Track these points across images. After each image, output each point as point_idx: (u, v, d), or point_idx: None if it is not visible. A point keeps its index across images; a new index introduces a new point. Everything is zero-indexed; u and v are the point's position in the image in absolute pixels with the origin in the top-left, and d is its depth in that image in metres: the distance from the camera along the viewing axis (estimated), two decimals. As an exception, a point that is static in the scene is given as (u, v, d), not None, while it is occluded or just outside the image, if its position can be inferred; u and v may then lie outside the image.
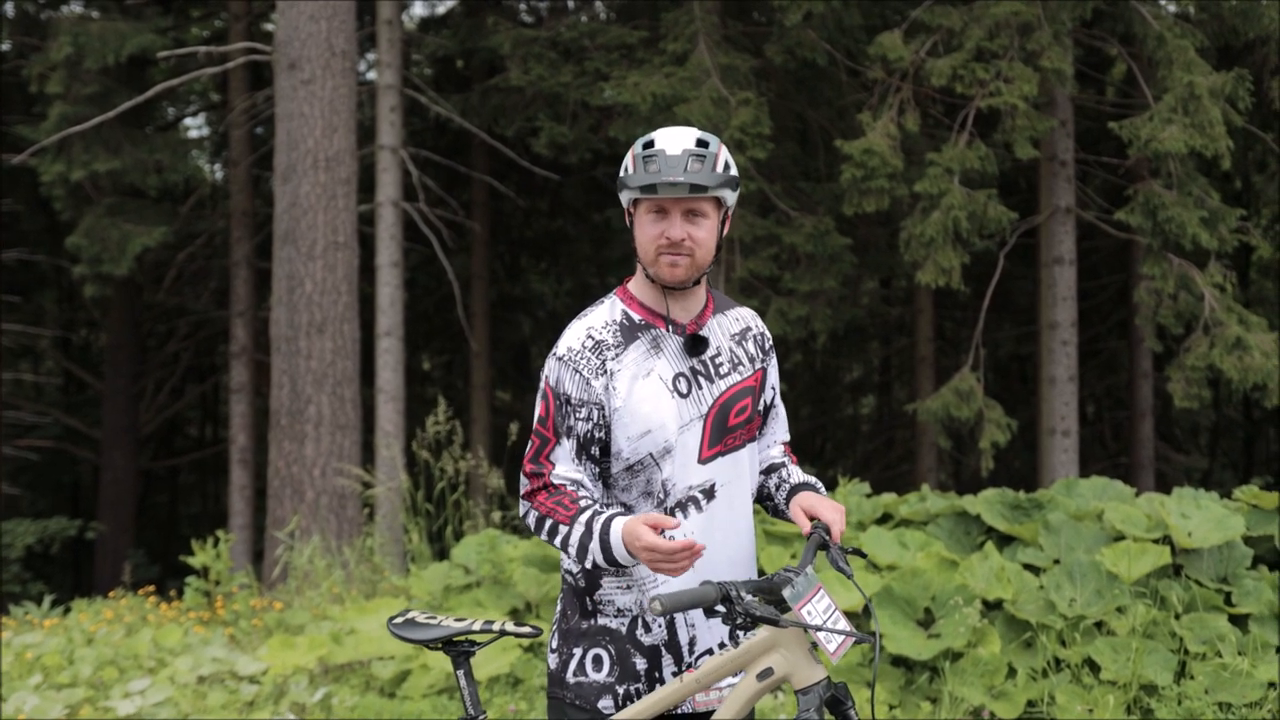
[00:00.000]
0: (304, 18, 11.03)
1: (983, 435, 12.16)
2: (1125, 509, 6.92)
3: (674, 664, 3.09)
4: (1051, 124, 12.14)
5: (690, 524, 3.07)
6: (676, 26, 13.17)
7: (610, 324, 3.10)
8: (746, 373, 3.19)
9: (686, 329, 3.13)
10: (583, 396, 3.04)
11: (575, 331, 3.11)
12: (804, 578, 2.92)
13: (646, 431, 3.02)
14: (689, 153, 2.97)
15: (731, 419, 3.12)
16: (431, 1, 21.01)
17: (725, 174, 3.02)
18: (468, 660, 3.20)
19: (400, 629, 3.21)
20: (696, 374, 3.10)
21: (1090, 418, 21.56)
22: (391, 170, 13.71)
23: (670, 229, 3.01)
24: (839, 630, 2.88)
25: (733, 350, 3.19)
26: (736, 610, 2.78)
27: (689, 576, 3.05)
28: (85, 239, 15.72)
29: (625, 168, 3.06)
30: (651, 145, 3.02)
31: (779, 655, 2.90)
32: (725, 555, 3.11)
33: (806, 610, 2.87)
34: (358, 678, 6.77)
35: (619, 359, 3.05)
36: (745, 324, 3.28)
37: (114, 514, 19.00)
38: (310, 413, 10.74)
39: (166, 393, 21.58)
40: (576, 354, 3.06)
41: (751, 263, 13.36)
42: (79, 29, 15.15)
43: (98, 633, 7.71)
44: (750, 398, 3.17)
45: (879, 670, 6.44)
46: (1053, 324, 13.06)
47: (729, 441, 3.12)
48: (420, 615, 3.23)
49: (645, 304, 3.14)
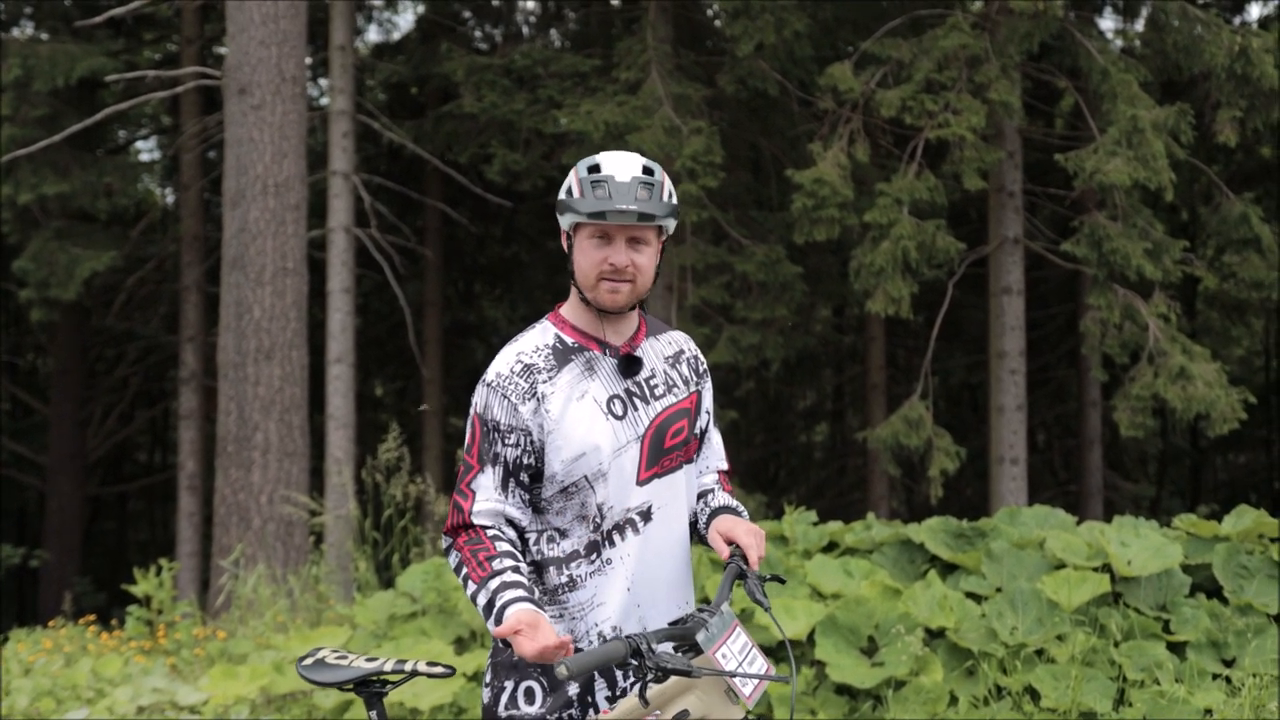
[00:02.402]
0: (254, 43, 11.00)
1: (932, 463, 12.24)
2: (1066, 537, 6.98)
3: (607, 688, 3.06)
4: (999, 155, 12.29)
5: (627, 547, 3.04)
6: (629, 55, 13.25)
7: (542, 348, 3.08)
8: (682, 395, 3.17)
9: (620, 351, 3.12)
10: (511, 423, 3.01)
11: (505, 357, 3.09)
12: (719, 617, 2.85)
13: (581, 454, 3.00)
14: (638, 180, 2.97)
15: (668, 440, 3.10)
16: (386, 28, 21.01)
17: (670, 203, 3.02)
18: (380, 701, 3.09)
19: (309, 670, 3.07)
20: (632, 396, 3.08)
21: (1040, 446, 21.73)
22: (344, 196, 13.68)
23: (614, 255, 3.00)
24: (753, 675, 2.81)
25: (667, 372, 3.18)
26: (647, 666, 2.71)
27: (625, 601, 3.03)
28: (33, 263, 15.56)
29: (569, 190, 3.03)
30: (598, 170, 3.00)
31: (694, 697, 2.84)
32: (663, 577, 3.09)
33: (721, 653, 2.80)
34: (300, 708, 6.71)
35: (551, 382, 3.03)
36: (678, 347, 3.27)
37: (60, 541, 18.75)
38: (258, 439, 10.67)
39: (115, 418, 21.34)
40: (505, 379, 3.04)
41: (703, 290, 13.41)
42: (28, 51, 15.05)
43: (36, 663, 7.61)
44: (686, 419, 3.16)
45: (822, 698, 6.45)
46: (1001, 353, 13.17)
47: (666, 463, 3.10)
48: (330, 655, 3.10)
49: (579, 327, 3.12)
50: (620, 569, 3.04)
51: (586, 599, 3.04)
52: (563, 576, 3.05)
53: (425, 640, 6.90)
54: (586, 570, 3.04)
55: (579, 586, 3.04)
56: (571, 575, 3.04)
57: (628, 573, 3.04)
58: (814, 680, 6.57)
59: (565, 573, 3.05)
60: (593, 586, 3.04)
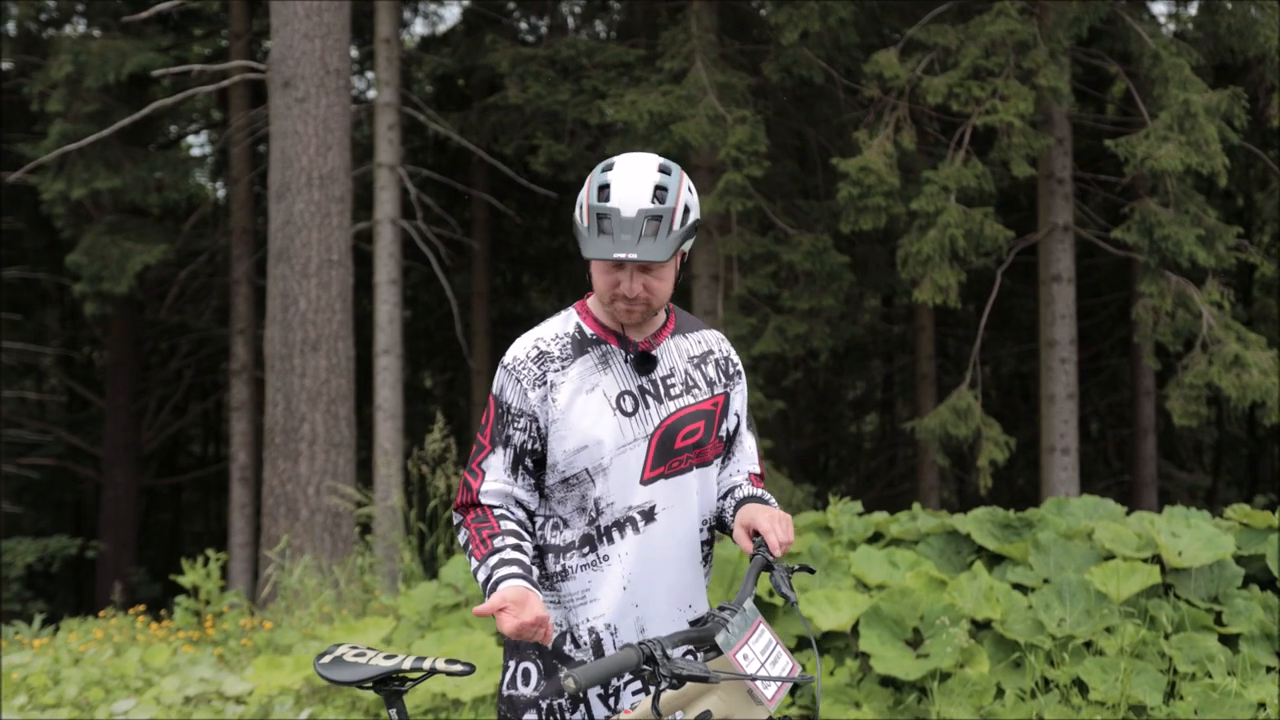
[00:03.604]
0: (298, 36, 11.05)
1: (981, 453, 12.12)
2: (1115, 528, 6.88)
3: (600, 686, 3.02)
4: (1048, 142, 12.13)
5: (625, 545, 3.00)
6: (674, 45, 13.20)
7: (561, 336, 3.06)
8: (702, 396, 3.10)
9: (639, 347, 3.07)
10: (520, 406, 3.00)
11: (524, 341, 3.08)
12: (740, 616, 2.75)
13: (583, 447, 2.97)
14: (644, 215, 2.85)
15: (678, 441, 3.04)
16: (432, 20, 21.06)
17: (682, 231, 2.90)
18: (400, 699, 3.04)
19: (327, 669, 3.02)
20: (645, 393, 3.03)
21: (1094, 435, 21.49)
22: (390, 188, 13.73)
23: (624, 284, 2.94)
24: (774, 677, 2.72)
25: (688, 373, 3.11)
26: (660, 674, 2.60)
27: (621, 599, 2.99)
28: (85, 257, 15.76)
29: (580, 211, 2.94)
30: (607, 195, 2.88)
31: (716, 698, 2.77)
32: (664, 582, 3.03)
33: (743, 654, 2.71)
34: (343, 698, 6.73)
35: (563, 372, 3.01)
36: (708, 347, 3.20)
37: (115, 532, 18.99)
38: (305, 431, 10.73)
39: (169, 410, 21.58)
40: (520, 363, 3.03)
41: (750, 280, 13.35)
42: (80, 48, 15.21)
43: (86, 652, 7.69)
44: (703, 421, 3.09)
45: (866, 690, 6.40)
46: (1052, 342, 13.02)
47: (674, 464, 3.04)
48: (349, 652, 3.06)
49: (600, 320, 3.09)
50: (617, 566, 3.00)
51: (578, 591, 3.02)
52: (558, 565, 3.03)
53: (468, 631, 6.91)
54: (579, 563, 3.02)
55: (570, 577, 3.02)
56: (565, 565, 3.03)
57: (625, 571, 3.00)
58: (858, 672, 6.51)
59: (560, 562, 3.03)
60: (584, 580, 3.02)
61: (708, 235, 13.92)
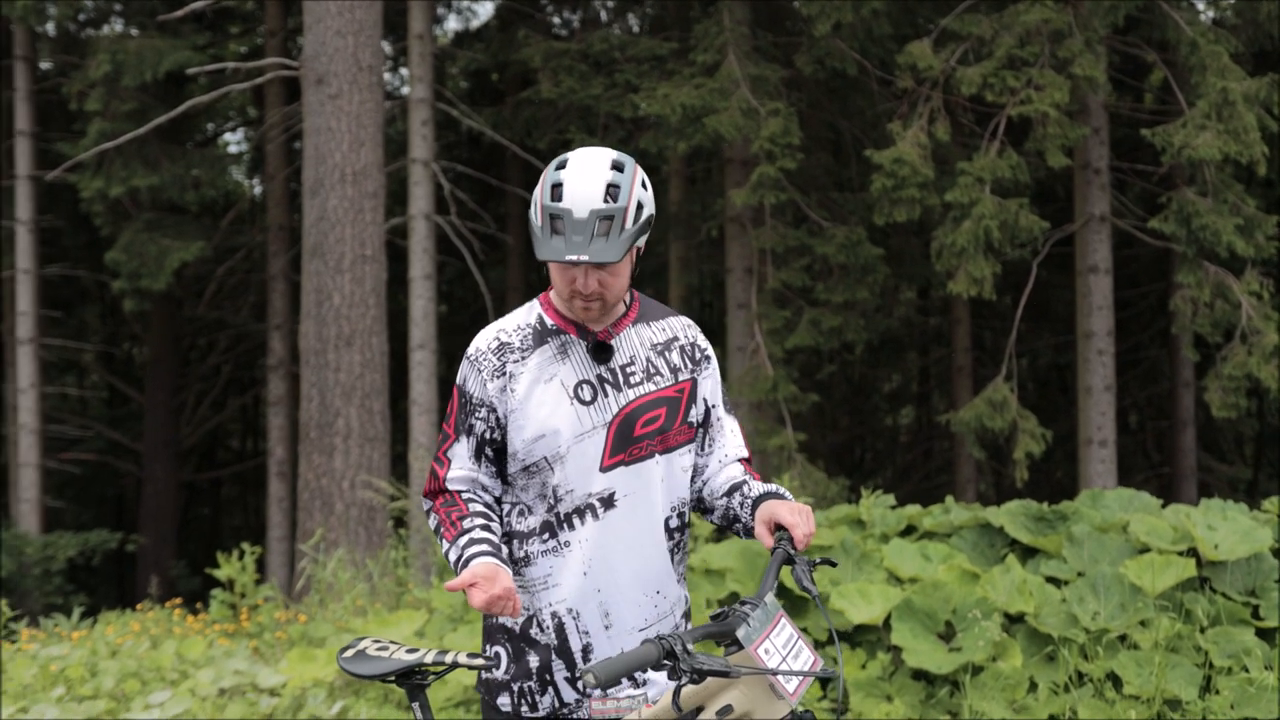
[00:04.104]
0: (331, 33, 11.10)
1: (1017, 446, 12.05)
2: (1151, 520, 6.81)
3: (565, 669, 3.06)
4: (1084, 132, 12.03)
5: (585, 531, 3.04)
6: (706, 38, 13.17)
7: (522, 328, 3.11)
8: (664, 383, 3.12)
9: (597, 337, 3.11)
10: (481, 396, 3.07)
11: (487, 333, 3.14)
12: (762, 610, 2.74)
13: (540, 435, 3.02)
14: (596, 215, 2.87)
15: (638, 429, 3.06)
16: (466, 16, 21.11)
17: (634, 229, 2.92)
18: (423, 692, 3.06)
19: (349, 663, 3.04)
20: (604, 382, 3.07)
21: (1133, 427, 21.31)
22: (424, 184, 13.78)
23: (579, 281, 2.98)
24: (796, 672, 2.69)
25: (650, 360, 3.13)
26: (681, 668, 2.58)
27: (581, 585, 3.02)
28: (124, 254, 15.90)
29: (535, 205, 2.95)
30: (560, 195, 2.90)
31: (737, 692, 2.76)
32: (627, 568, 3.05)
33: (764, 649, 2.70)
34: (376, 691, 6.77)
35: (522, 362, 3.06)
36: (672, 334, 3.21)
37: (155, 526, 19.18)
38: (339, 425, 10.79)
39: (207, 406, 21.77)
40: (481, 355, 3.09)
41: (784, 273, 13.32)
42: (117, 47, 15.34)
43: (123, 645, 7.77)
44: (665, 408, 3.10)
45: (898, 684, 6.37)
46: (1089, 333, 12.93)
47: (634, 451, 3.06)
48: (372, 646, 3.07)
49: (561, 312, 3.13)
50: (577, 552, 3.04)
51: (540, 577, 3.06)
52: (521, 551, 3.09)
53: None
54: (539, 548, 3.06)
55: (531, 563, 3.07)
56: (527, 551, 3.07)
57: (585, 557, 3.03)
58: (890, 666, 6.49)
59: (523, 548, 3.08)
60: (545, 565, 3.06)
61: (741, 228, 13.89)
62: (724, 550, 7.04)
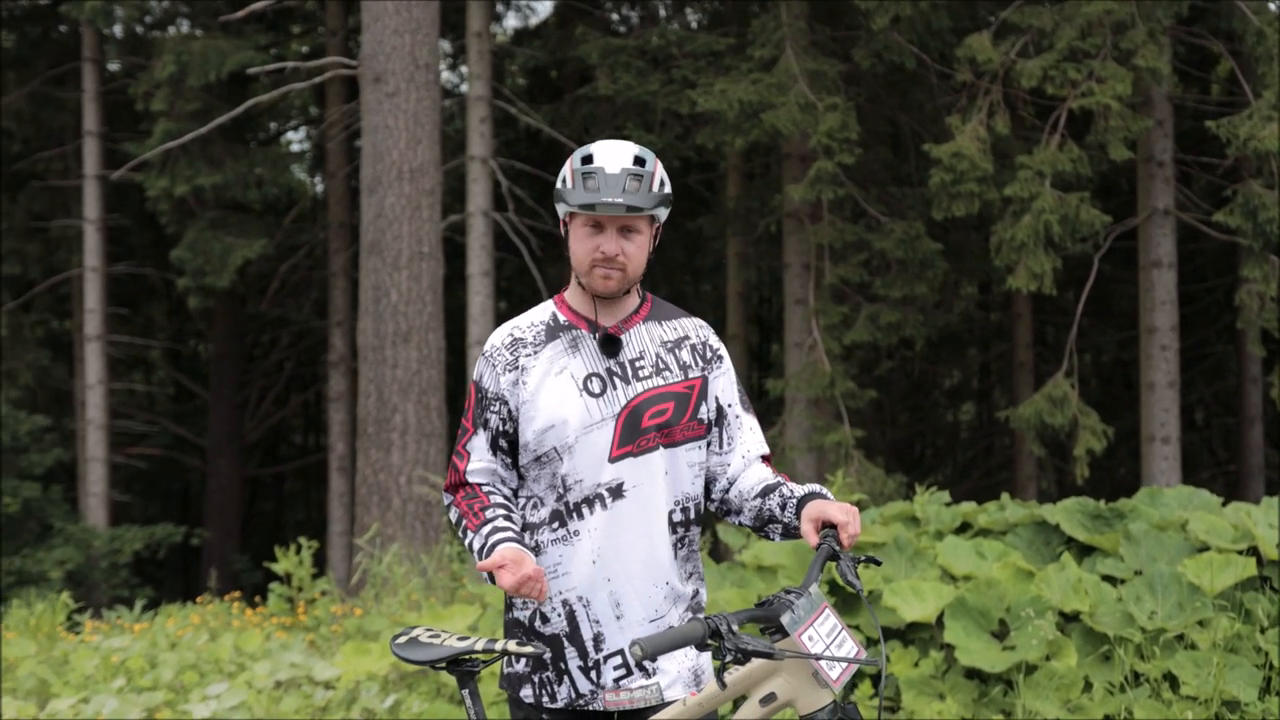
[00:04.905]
0: (388, 31, 11.18)
1: (1077, 443, 11.91)
2: (1210, 519, 6.70)
3: (579, 658, 3.12)
4: (1147, 124, 11.86)
5: (593, 521, 3.11)
6: (764, 33, 13.12)
7: (536, 324, 3.22)
8: (673, 379, 3.20)
9: (607, 331, 3.20)
10: (495, 391, 3.17)
11: (502, 330, 3.26)
12: (806, 599, 2.79)
13: (550, 426, 3.11)
14: (627, 172, 3.06)
15: (645, 421, 3.15)
16: (525, 13, 21.19)
17: (660, 193, 3.12)
18: (473, 679, 3.11)
19: (403, 649, 3.11)
20: (613, 375, 3.16)
21: (1199, 424, 20.99)
22: (482, 181, 13.85)
23: (605, 244, 3.10)
24: (840, 657, 2.74)
25: (660, 356, 3.22)
26: (726, 647, 2.65)
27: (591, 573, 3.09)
28: (189, 252, 16.12)
29: (563, 180, 3.12)
30: (590, 161, 3.09)
31: (781, 680, 2.80)
32: (636, 556, 3.12)
33: (808, 636, 2.74)
34: (428, 684, 6.82)
35: (534, 356, 3.17)
36: (684, 333, 3.30)
37: (220, 520, 19.44)
38: (396, 421, 10.87)
39: (271, 401, 22.02)
40: (496, 350, 3.21)
41: (841, 269, 13.25)
42: (182, 48, 15.55)
43: (183, 637, 7.89)
44: (673, 403, 3.18)
45: (951, 682, 6.32)
46: (1152, 328, 12.75)
47: (641, 443, 3.13)
48: (424, 634, 3.13)
49: (574, 307, 3.24)
50: (586, 541, 3.11)
51: (549, 566, 3.13)
52: (531, 541, 3.16)
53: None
54: (549, 537, 3.14)
55: (542, 552, 3.14)
56: (537, 541, 3.15)
57: (594, 546, 3.11)
58: (942, 664, 6.43)
59: (534, 538, 3.16)
60: (555, 554, 3.13)
61: (799, 224, 13.83)
62: (776, 547, 7.02)
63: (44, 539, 16.06)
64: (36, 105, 18.19)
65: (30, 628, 8.36)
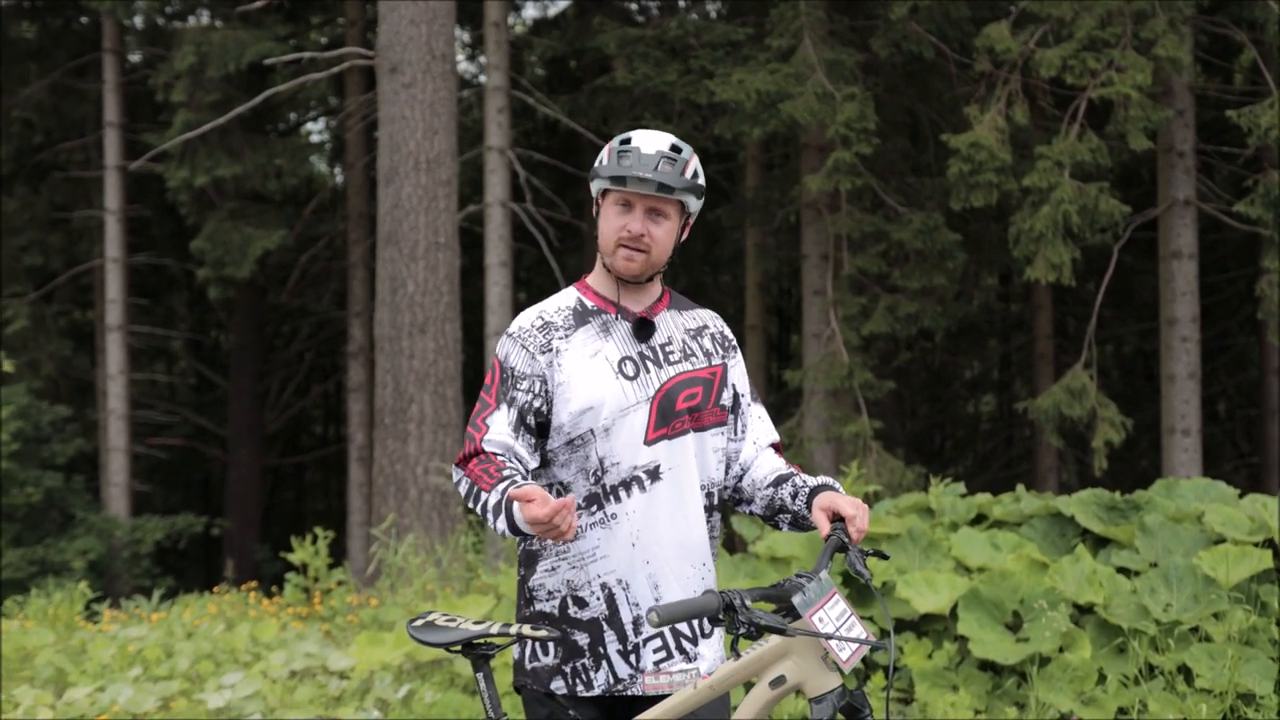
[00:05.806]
0: (404, 22, 11.18)
1: (1096, 434, 11.86)
2: (1227, 511, 6.67)
3: (617, 641, 3.11)
4: (1167, 114, 11.78)
5: (632, 503, 3.12)
6: (782, 23, 13.08)
7: (563, 309, 3.23)
8: (699, 364, 3.25)
9: (637, 315, 3.22)
10: (526, 370, 3.14)
11: (528, 313, 3.25)
12: (817, 583, 2.85)
13: (588, 408, 3.11)
14: (662, 154, 3.10)
15: (679, 404, 3.18)
16: (543, 4, 21.17)
17: (692, 180, 3.14)
18: (487, 663, 3.13)
19: (419, 632, 3.15)
20: (645, 359, 3.18)
21: (1221, 416, 20.87)
22: (499, 171, 13.85)
23: (632, 223, 3.13)
24: (850, 638, 2.80)
25: (685, 342, 3.27)
26: (739, 620, 2.73)
27: (630, 556, 3.09)
28: (208, 243, 16.18)
29: (600, 159, 3.18)
30: (629, 142, 3.14)
31: (791, 662, 2.85)
32: (672, 538, 3.14)
33: (818, 618, 2.80)
34: (442, 674, 6.84)
35: (567, 339, 3.16)
36: (703, 323, 3.35)
37: (240, 510, 19.53)
38: (413, 412, 10.89)
39: (291, 392, 22.10)
40: (525, 331, 3.19)
41: (860, 259, 13.21)
42: (201, 39, 15.59)
43: (199, 627, 7.92)
44: (701, 387, 3.22)
45: (965, 674, 6.31)
46: (1172, 320, 12.68)
47: (676, 426, 3.16)
48: (440, 618, 3.16)
49: (599, 293, 3.25)
50: (625, 524, 3.11)
51: (588, 549, 3.12)
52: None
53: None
54: (586, 521, 3.12)
55: (580, 536, 3.12)
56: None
57: (633, 528, 3.11)
58: (956, 655, 6.42)
59: None
60: (594, 538, 3.12)
61: (817, 214, 13.79)
62: (789, 539, 7.02)
63: (66, 529, 16.16)
64: (58, 96, 18.26)
65: (49, 617, 8.41)
